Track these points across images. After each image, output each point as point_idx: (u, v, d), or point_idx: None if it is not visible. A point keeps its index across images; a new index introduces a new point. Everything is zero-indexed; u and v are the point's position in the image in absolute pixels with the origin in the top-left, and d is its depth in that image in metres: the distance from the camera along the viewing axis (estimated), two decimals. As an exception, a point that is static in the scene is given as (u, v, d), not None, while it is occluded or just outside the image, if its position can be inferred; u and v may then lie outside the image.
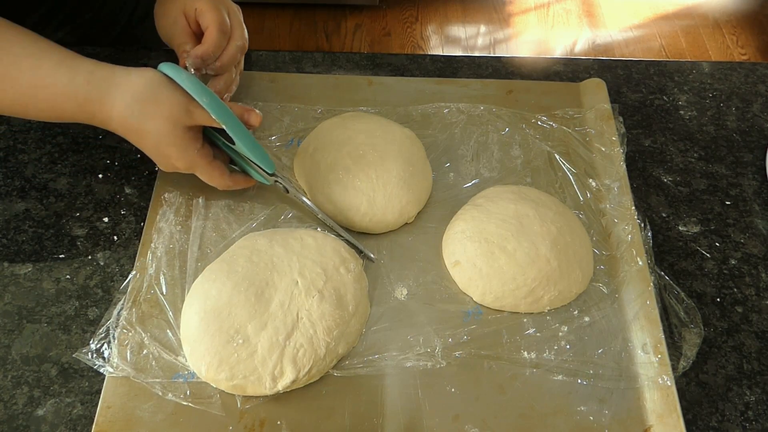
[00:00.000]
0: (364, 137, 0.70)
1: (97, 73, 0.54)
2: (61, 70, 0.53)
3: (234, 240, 0.65)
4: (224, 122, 0.57)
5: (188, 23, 0.66)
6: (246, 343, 0.56)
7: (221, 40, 0.64)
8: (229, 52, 0.66)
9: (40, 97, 0.54)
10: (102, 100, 0.54)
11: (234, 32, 0.66)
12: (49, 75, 0.53)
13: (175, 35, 0.67)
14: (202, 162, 0.60)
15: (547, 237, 0.64)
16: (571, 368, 0.60)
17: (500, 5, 2.34)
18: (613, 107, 0.77)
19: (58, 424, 0.56)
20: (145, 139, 0.57)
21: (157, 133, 0.56)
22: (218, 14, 0.64)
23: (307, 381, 0.57)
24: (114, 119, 0.56)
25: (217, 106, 0.56)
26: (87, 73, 0.54)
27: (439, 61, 0.86)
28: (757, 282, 0.68)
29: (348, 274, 0.62)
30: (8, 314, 0.62)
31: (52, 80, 0.53)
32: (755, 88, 0.85)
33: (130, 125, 0.56)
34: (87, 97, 0.54)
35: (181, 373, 0.58)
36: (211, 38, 0.64)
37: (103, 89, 0.54)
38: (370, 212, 0.66)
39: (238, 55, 0.67)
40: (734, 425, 0.59)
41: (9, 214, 0.68)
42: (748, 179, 0.76)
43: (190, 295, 0.61)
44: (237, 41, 0.66)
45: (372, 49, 2.16)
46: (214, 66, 0.66)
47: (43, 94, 0.54)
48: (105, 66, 0.55)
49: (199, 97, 0.55)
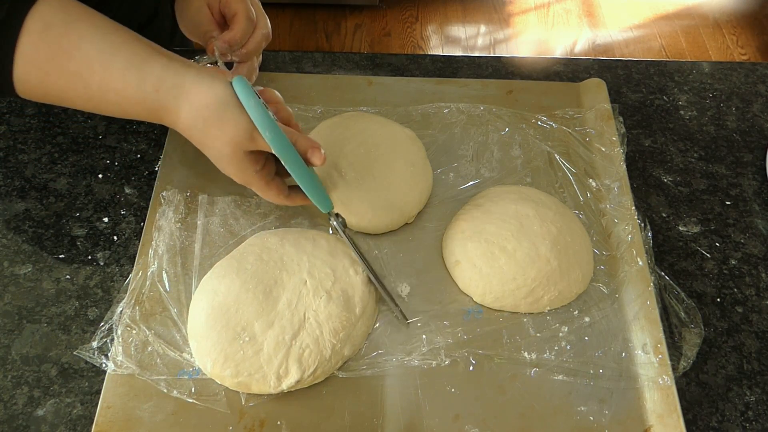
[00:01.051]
0: (364, 137, 0.70)
1: (167, 81, 0.52)
2: (131, 73, 0.52)
3: (244, 236, 0.66)
4: (283, 159, 0.55)
5: (212, 14, 0.67)
6: (252, 340, 0.57)
7: (248, 27, 0.66)
8: (255, 39, 0.67)
9: (110, 99, 0.53)
10: (169, 108, 0.53)
11: (259, 20, 0.67)
12: (118, 78, 0.52)
13: (201, 24, 0.68)
14: (260, 183, 0.59)
15: (547, 237, 0.64)
16: (571, 368, 0.60)
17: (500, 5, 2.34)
18: (613, 107, 0.77)
19: (58, 424, 0.56)
20: (206, 151, 0.56)
21: (219, 153, 0.55)
22: (244, 3, 0.65)
23: (311, 382, 0.57)
24: (179, 127, 0.55)
25: (279, 141, 0.54)
26: (156, 80, 0.52)
27: (439, 61, 0.86)
28: (757, 282, 0.68)
29: (357, 276, 0.62)
30: (8, 314, 0.62)
31: (121, 84, 0.52)
32: (755, 88, 0.85)
33: (194, 137, 0.55)
34: (155, 105, 0.53)
35: (185, 370, 0.58)
36: (239, 25, 0.65)
37: (171, 99, 0.53)
38: (370, 212, 0.66)
39: (264, 42, 0.68)
40: (734, 425, 0.59)
41: (9, 214, 0.68)
42: (748, 179, 0.76)
43: (199, 290, 0.61)
44: (263, 29, 0.67)
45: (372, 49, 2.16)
46: (240, 52, 0.67)
47: (113, 96, 0.53)
48: (175, 70, 0.53)
49: (262, 130, 0.53)
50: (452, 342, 0.61)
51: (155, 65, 0.52)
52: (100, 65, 0.52)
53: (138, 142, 0.75)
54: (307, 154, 0.57)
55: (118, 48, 0.52)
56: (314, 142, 0.57)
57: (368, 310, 0.61)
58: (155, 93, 0.52)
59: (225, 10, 0.67)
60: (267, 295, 0.59)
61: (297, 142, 0.56)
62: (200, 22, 0.68)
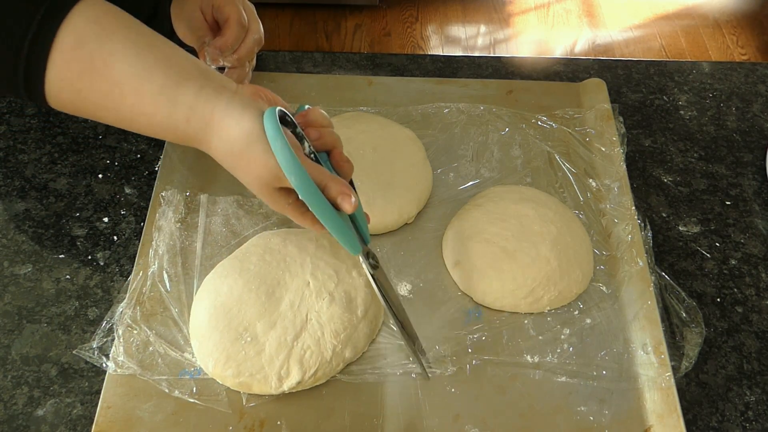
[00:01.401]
0: (364, 137, 0.70)
1: (198, 111, 0.51)
2: (162, 100, 0.50)
3: (246, 236, 0.66)
4: (310, 205, 0.52)
5: (205, 19, 0.67)
6: (254, 341, 0.57)
7: (240, 33, 0.66)
8: (246, 45, 0.67)
9: (142, 122, 0.52)
10: (200, 139, 0.52)
11: (251, 25, 0.67)
12: (150, 103, 0.50)
13: (195, 29, 0.68)
14: (294, 213, 0.56)
15: (547, 237, 0.64)
16: (571, 368, 0.60)
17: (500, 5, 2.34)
18: (613, 107, 0.77)
19: (58, 424, 0.56)
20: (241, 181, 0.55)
21: (249, 185, 0.54)
22: (236, 8, 0.65)
23: (312, 383, 0.57)
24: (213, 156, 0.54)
25: (305, 186, 0.51)
26: (187, 109, 0.51)
27: (439, 61, 0.86)
28: (757, 282, 0.68)
29: (360, 278, 0.62)
30: (8, 314, 0.62)
31: (152, 109, 0.51)
32: (755, 88, 0.85)
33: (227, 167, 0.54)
34: (187, 134, 0.52)
35: (187, 369, 0.58)
36: (231, 31, 0.65)
37: (200, 131, 0.52)
38: (369, 213, 0.66)
39: (255, 48, 0.68)
40: (734, 425, 0.59)
41: (9, 214, 0.68)
42: (748, 179, 0.76)
43: (201, 290, 0.61)
44: (254, 34, 0.67)
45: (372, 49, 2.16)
46: (231, 58, 0.67)
47: (144, 120, 0.51)
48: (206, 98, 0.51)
49: (287, 174, 0.50)
50: (452, 342, 0.61)
51: (188, 92, 0.51)
52: (132, 89, 0.50)
53: (138, 142, 0.75)
54: (337, 200, 0.53)
55: (151, 70, 0.50)
56: (346, 186, 0.53)
57: (371, 312, 0.61)
58: (186, 123, 0.51)
59: (217, 15, 0.67)
60: (269, 295, 0.59)
61: (327, 187, 0.52)
62: (194, 27, 0.68)
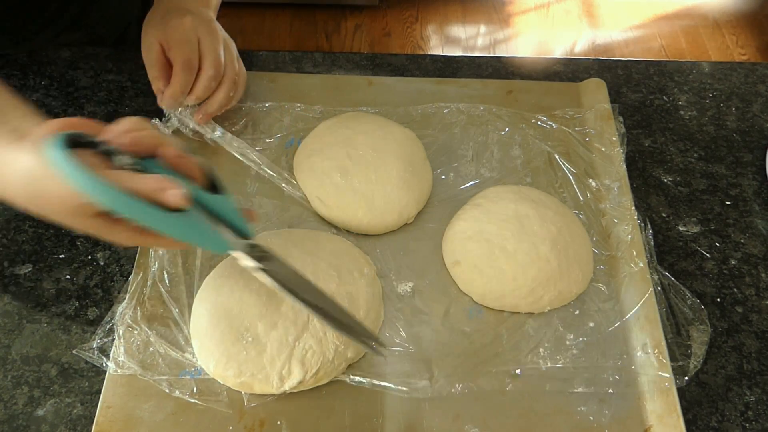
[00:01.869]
0: (364, 137, 0.70)
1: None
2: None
3: None
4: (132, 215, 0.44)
5: (162, 52, 0.67)
6: (255, 341, 0.57)
7: (187, 77, 0.65)
8: (200, 85, 0.66)
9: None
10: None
11: (203, 63, 0.66)
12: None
13: (150, 66, 0.67)
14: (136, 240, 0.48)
15: (547, 237, 0.64)
16: (572, 368, 0.60)
17: (500, 5, 2.34)
18: (613, 107, 0.77)
19: (58, 424, 0.56)
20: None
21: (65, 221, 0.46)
22: (181, 50, 0.65)
23: (314, 383, 0.57)
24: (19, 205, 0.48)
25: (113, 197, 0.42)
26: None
27: (439, 61, 0.86)
28: (757, 282, 0.68)
29: (361, 279, 0.61)
30: (8, 314, 0.62)
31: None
32: (755, 88, 0.85)
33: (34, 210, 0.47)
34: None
35: (187, 370, 0.58)
36: (176, 78, 0.65)
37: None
38: (369, 213, 0.66)
39: (212, 83, 0.67)
40: (734, 425, 0.59)
41: (9, 214, 0.68)
42: (748, 179, 0.76)
43: (202, 290, 0.61)
44: (207, 71, 0.66)
45: (372, 49, 2.16)
46: (189, 99, 0.67)
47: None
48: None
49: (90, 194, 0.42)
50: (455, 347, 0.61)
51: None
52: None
53: (138, 142, 0.74)
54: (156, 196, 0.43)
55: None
56: (163, 180, 0.43)
57: (372, 312, 0.61)
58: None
59: (168, 55, 0.66)
60: (271, 296, 0.59)
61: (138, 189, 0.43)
62: (149, 64, 0.67)
